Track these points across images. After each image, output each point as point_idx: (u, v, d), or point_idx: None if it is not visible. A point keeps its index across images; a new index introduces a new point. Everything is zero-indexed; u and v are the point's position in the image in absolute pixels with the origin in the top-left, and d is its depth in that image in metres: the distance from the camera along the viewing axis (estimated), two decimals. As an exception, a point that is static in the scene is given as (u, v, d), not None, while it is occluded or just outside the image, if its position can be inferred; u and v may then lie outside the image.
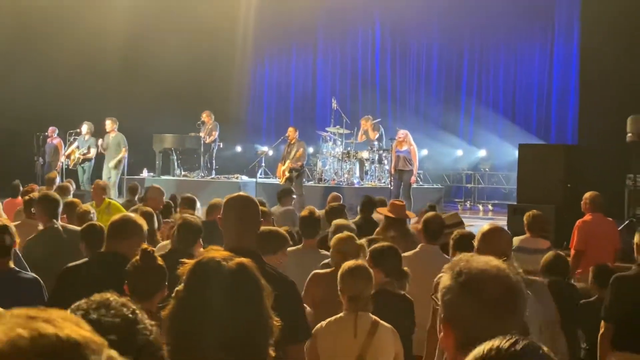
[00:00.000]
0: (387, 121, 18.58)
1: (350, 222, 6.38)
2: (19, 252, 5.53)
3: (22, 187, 11.07)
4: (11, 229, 4.76)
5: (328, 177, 16.59)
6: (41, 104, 17.27)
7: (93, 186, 10.46)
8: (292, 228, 8.05)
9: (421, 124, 19.09)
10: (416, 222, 8.15)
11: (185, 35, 19.46)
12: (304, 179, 15.87)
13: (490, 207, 17.70)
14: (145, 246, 3.61)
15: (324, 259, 6.08)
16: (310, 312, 4.64)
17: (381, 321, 4.06)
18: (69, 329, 0.85)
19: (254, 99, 22.60)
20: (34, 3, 17.94)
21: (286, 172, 15.12)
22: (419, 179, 16.41)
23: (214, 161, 17.97)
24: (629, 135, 11.05)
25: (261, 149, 18.73)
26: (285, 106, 22.06)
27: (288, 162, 15.23)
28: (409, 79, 20.61)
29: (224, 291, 2.11)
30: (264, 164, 17.68)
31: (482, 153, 19.16)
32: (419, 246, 5.93)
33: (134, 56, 19.04)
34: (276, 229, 5.33)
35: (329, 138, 16.87)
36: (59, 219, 6.85)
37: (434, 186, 17.58)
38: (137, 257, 3.54)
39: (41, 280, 4.58)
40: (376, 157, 16.34)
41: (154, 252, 3.57)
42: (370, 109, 18.92)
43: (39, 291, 4.51)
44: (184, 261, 2.24)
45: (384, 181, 15.91)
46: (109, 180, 15.67)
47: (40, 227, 6.71)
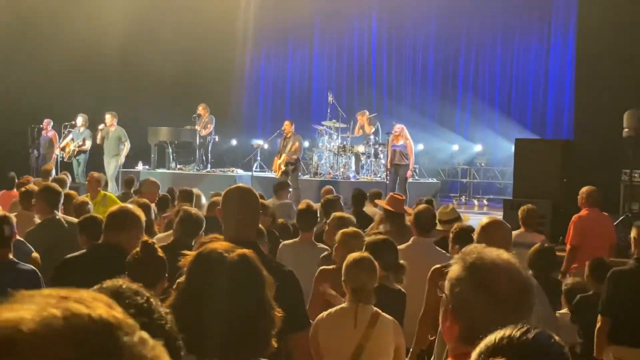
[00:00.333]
0: (383, 115, 18.57)
1: (351, 215, 6.37)
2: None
3: (17, 180, 11.04)
4: (11, 219, 4.75)
5: (324, 171, 16.59)
6: (36, 96, 17.21)
7: (88, 178, 10.44)
8: (288, 221, 8.06)
9: (417, 118, 19.07)
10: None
11: (181, 28, 19.41)
12: (299, 173, 15.85)
13: (485, 201, 17.72)
14: (145, 238, 3.61)
15: (321, 252, 6.08)
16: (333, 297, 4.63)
17: (382, 313, 4.06)
18: (101, 310, 0.84)
19: (250, 92, 22.56)
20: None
21: (282, 165, 15.10)
22: (414, 174, 16.41)
23: (209, 154, 17.94)
24: (625, 130, 11.07)
25: (257, 142, 18.71)
26: (281, 100, 22.02)
27: (284, 155, 15.22)
28: (405, 73, 20.60)
29: (225, 282, 2.11)
30: (259, 157, 17.67)
31: (477, 148, 19.17)
32: (412, 239, 5.94)
33: (129, 49, 18.97)
34: None
35: (325, 132, 16.86)
36: (60, 210, 6.85)
37: (430, 181, 17.59)
38: (138, 248, 3.54)
39: (39, 272, 4.57)
40: (372, 151, 16.32)
41: (154, 244, 3.56)
42: (367, 103, 18.92)
43: (37, 283, 4.50)
44: (185, 253, 2.23)
45: (379, 175, 15.90)
46: (109, 172, 15.68)
47: (37, 219, 6.70)
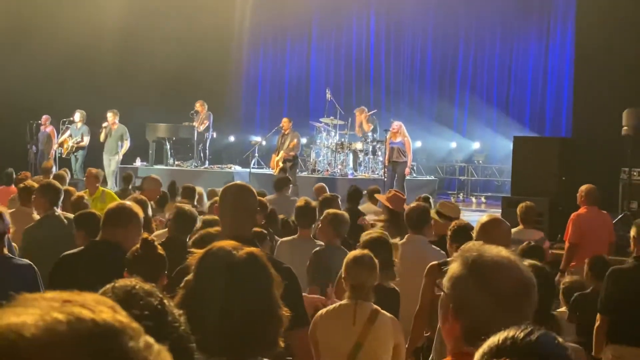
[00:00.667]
0: (381, 112, 18.55)
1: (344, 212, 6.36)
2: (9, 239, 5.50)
3: (15, 175, 11.03)
4: (5, 215, 4.72)
5: (321, 168, 16.57)
6: (34, 92, 17.16)
7: (86, 175, 10.41)
8: (289, 217, 8.04)
9: (415, 115, 19.07)
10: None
11: (180, 24, 19.36)
12: (297, 170, 15.84)
13: (483, 199, 17.72)
14: (145, 235, 3.60)
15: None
16: None
17: (382, 310, 4.06)
18: (105, 314, 0.83)
19: (248, 89, 22.52)
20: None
21: (280, 162, 15.09)
22: (412, 171, 16.41)
23: (207, 151, 17.93)
24: (624, 128, 11.05)
25: (255, 139, 18.69)
26: (279, 97, 22.00)
27: (282, 152, 15.21)
28: (403, 70, 20.58)
29: (234, 281, 2.10)
30: (257, 154, 17.65)
31: (476, 145, 19.16)
32: (406, 236, 5.94)
33: (128, 45, 18.94)
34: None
35: (322, 129, 16.84)
36: (59, 207, 6.84)
37: (428, 178, 17.59)
38: (137, 245, 3.53)
39: (35, 267, 4.54)
40: (370, 149, 16.32)
41: (154, 241, 3.55)
42: (365, 100, 18.90)
43: (33, 278, 4.47)
44: (193, 251, 2.22)
45: (377, 172, 15.89)
46: (109, 169, 15.68)
47: (35, 215, 6.68)
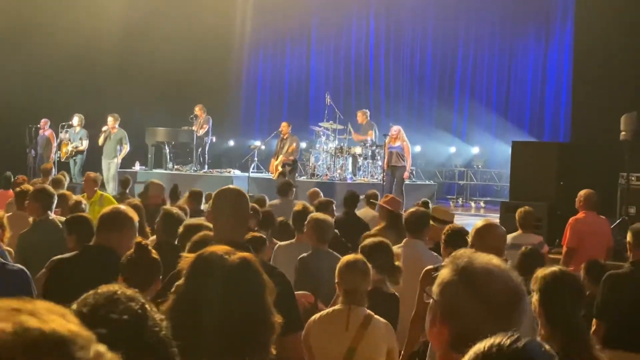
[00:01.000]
0: (380, 117, 18.58)
1: (328, 216, 6.33)
2: (3, 245, 5.50)
3: (13, 179, 11.03)
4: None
5: (321, 172, 16.56)
6: (34, 95, 17.19)
7: (84, 178, 10.40)
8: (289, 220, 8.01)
9: (414, 120, 19.09)
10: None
11: (179, 28, 19.39)
12: (296, 174, 15.84)
13: (482, 204, 17.72)
14: (139, 239, 3.58)
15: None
16: None
17: (375, 315, 4.04)
18: (54, 323, 0.81)
19: (247, 93, 22.54)
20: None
21: (279, 166, 15.09)
22: (411, 175, 16.40)
23: (206, 155, 17.94)
24: (622, 133, 11.05)
25: (254, 143, 18.70)
26: (278, 101, 22.01)
27: (281, 156, 15.20)
28: (402, 75, 20.59)
29: (226, 286, 2.07)
30: (256, 158, 17.64)
31: (475, 150, 19.16)
32: (404, 241, 5.94)
33: (127, 49, 18.96)
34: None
35: (322, 133, 16.84)
36: (53, 211, 6.83)
37: (427, 182, 17.58)
38: (132, 250, 3.52)
39: (28, 272, 4.53)
40: (369, 153, 16.32)
41: (148, 245, 3.54)
42: (364, 104, 18.91)
43: (25, 283, 4.45)
44: (184, 255, 2.19)
45: (376, 177, 15.89)
46: (109, 173, 15.68)
47: (31, 219, 6.67)
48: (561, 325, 3.37)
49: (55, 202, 6.86)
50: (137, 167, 17.73)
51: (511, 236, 7.86)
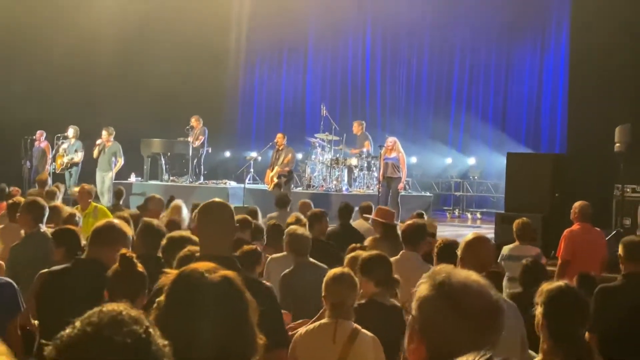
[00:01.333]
0: (376, 128, 18.59)
1: (306, 229, 6.30)
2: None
3: (8, 191, 11.01)
4: None
5: (317, 184, 16.56)
6: (29, 107, 17.17)
7: (79, 190, 10.36)
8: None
9: (411, 131, 19.11)
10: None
11: (175, 40, 19.41)
12: (292, 185, 15.82)
13: (478, 215, 17.70)
14: (124, 251, 3.54)
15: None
16: None
17: (362, 329, 4.01)
18: None
19: (244, 104, 22.55)
20: (23, 7, 17.85)
21: (274, 178, 15.06)
22: (407, 187, 16.40)
23: (202, 166, 17.91)
24: (616, 145, 11.06)
25: (250, 154, 18.68)
26: (275, 112, 22.02)
27: (277, 168, 15.19)
28: (399, 86, 20.62)
29: (205, 306, 2.01)
30: (252, 169, 17.62)
31: (471, 161, 19.16)
32: (400, 253, 5.91)
33: (123, 60, 18.97)
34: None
35: (318, 144, 16.84)
36: (44, 224, 6.80)
37: (423, 194, 17.57)
38: (117, 263, 3.49)
39: (15, 285, 4.51)
40: (365, 164, 16.32)
41: (133, 257, 3.51)
42: (360, 116, 18.89)
43: (12, 295, 4.43)
44: (166, 271, 2.15)
45: (372, 188, 15.88)
46: (103, 185, 15.65)
47: (22, 231, 6.65)
48: (564, 340, 3.35)
49: (47, 214, 6.82)
50: (132, 178, 17.70)
51: (508, 247, 7.85)
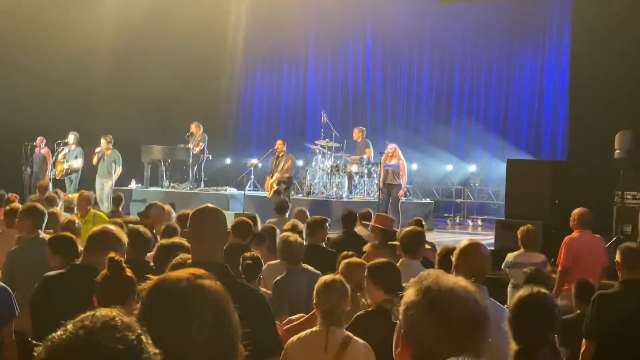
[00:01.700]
0: (377, 135, 18.58)
1: (299, 236, 6.25)
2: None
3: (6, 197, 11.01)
4: None
5: (317, 191, 16.55)
6: (30, 113, 17.18)
7: (78, 197, 10.36)
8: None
9: (411, 138, 19.08)
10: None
11: (175, 45, 19.44)
12: (292, 192, 15.80)
13: (479, 222, 17.65)
14: (112, 254, 3.50)
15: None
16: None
17: (354, 337, 3.99)
18: None
19: (244, 111, 22.56)
20: (23, 13, 17.88)
21: (274, 184, 15.05)
22: (408, 193, 16.37)
23: (202, 173, 17.90)
24: (616, 151, 11.04)
25: (250, 161, 18.67)
26: (275, 119, 22.02)
27: (276, 174, 15.17)
28: (399, 93, 20.60)
29: (176, 313, 1.89)
30: (253, 176, 17.61)
31: (472, 168, 19.13)
32: (400, 261, 5.89)
33: (122, 66, 18.98)
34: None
35: (318, 151, 16.83)
36: (44, 230, 6.79)
37: (423, 201, 17.54)
38: (106, 268, 3.45)
39: (10, 290, 4.50)
40: (365, 171, 16.30)
41: (121, 262, 3.46)
42: (361, 122, 18.89)
43: (7, 301, 4.43)
44: (149, 277, 2.08)
45: (372, 195, 15.86)
46: (103, 192, 15.66)
47: (17, 237, 6.63)
48: (528, 345, 3.36)
49: (46, 219, 6.81)
50: (133, 185, 17.71)
51: (513, 255, 7.81)
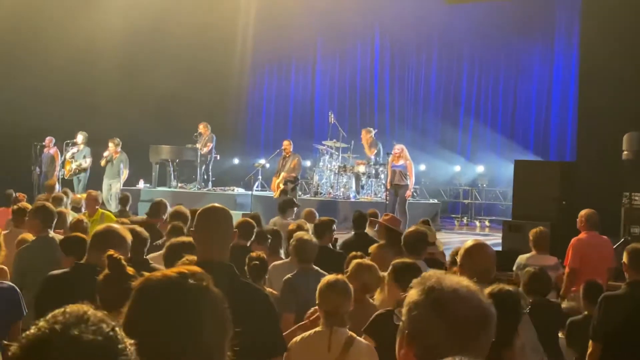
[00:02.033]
0: (384, 135, 18.57)
1: (313, 237, 6.23)
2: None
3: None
4: None
5: (324, 191, 16.55)
6: (38, 114, 17.22)
7: (85, 196, 10.39)
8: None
9: (419, 138, 19.06)
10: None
11: (184, 46, 19.46)
12: (298, 192, 15.80)
13: (487, 223, 17.63)
14: (111, 252, 3.45)
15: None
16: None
17: (357, 337, 3.99)
18: None
19: (252, 111, 22.59)
20: (30, 12, 17.93)
21: (280, 184, 15.05)
22: (415, 194, 16.35)
23: (210, 173, 17.93)
24: (624, 152, 11.00)
25: (258, 161, 18.69)
26: (283, 119, 22.04)
27: (283, 173, 15.18)
28: (407, 93, 20.59)
29: (160, 314, 1.82)
30: (260, 176, 17.62)
31: (480, 169, 19.09)
32: None
33: (131, 66, 19.01)
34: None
35: (325, 151, 16.84)
36: (53, 229, 6.81)
37: (431, 201, 17.52)
38: (106, 265, 3.42)
39: (18, 289, 4.51)
40: (372, 172, 16.30)
41: (121, 259, 3.43)
42: (369, 123, 18.89)
43: (15, 300, 4.44)
44: (144, 274, 2.06)
45: (380, 195, 15.86)
46: (110, 192, 15.71)
47: (25, 236, 6.64)
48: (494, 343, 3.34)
49: (56, 219, 6.83)
50: (141, 184, 17.75)
51: (525, 257, 7.77)
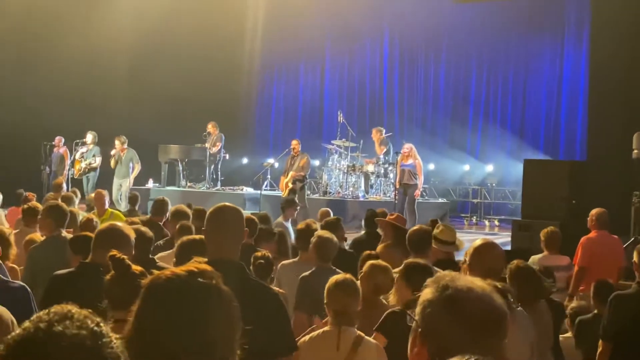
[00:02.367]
0: (394, 135, 18.52)
1: (334, 236, 6.19)
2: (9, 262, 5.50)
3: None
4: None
5: (333, 190, 16.55)
6: (47, 113, 17.29)
7: (95, 196, 10.41)
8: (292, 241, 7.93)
9: (428, 138, 19.03)
10: None
11: (193, 47, 19.48)
12: (307, 191, 15.78)
13: (496, 222, 17.57)
14: (114, 252, 3.42)
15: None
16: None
17: (366, 337, 3.98)
18: None
19: (261, 111, 22.60)
20: (40, 12, 17.99)
21: (289, 183, 15.04)
22: (424, 193, 16.32)
23: (219, 172, 17.96)
24: (634, 151, 10.96)
25: (267, 161, 18.70)
26: (292, 119, 22.04)
27: (291, 172, 15.17)
28: (416, 93, 20.55)
29: (167, 311, 1.84)
30: (269, 176, 17.63)
31: (489, 168, 19.05)
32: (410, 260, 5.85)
33: (141, 66, 19.06)
34: None
35: (334, 151, 16.83)
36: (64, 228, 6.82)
37: (440, 201, 17.49)
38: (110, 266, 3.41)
39: (29, 289, 4.52)
40: (382, 171, 16.28)
41: (125, 259, 3.42)
42: (378, 122, 18.88)
43: (25, 300, 4.45)
44: (154, 272, 2.07)
45: (389, 195, 15.85)
46: (120, 191, 15.73)
47: (35, 235, 6.66)
48: None
49: (68, 218, 6.82)
50: (150, 184, 17.79)
51: (537, 257, 7.74)
